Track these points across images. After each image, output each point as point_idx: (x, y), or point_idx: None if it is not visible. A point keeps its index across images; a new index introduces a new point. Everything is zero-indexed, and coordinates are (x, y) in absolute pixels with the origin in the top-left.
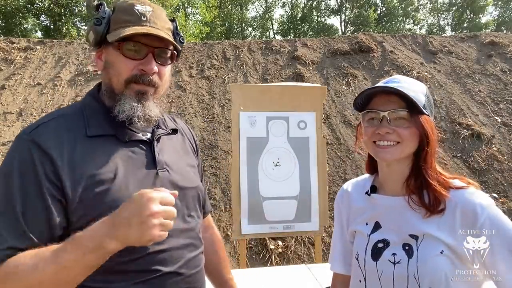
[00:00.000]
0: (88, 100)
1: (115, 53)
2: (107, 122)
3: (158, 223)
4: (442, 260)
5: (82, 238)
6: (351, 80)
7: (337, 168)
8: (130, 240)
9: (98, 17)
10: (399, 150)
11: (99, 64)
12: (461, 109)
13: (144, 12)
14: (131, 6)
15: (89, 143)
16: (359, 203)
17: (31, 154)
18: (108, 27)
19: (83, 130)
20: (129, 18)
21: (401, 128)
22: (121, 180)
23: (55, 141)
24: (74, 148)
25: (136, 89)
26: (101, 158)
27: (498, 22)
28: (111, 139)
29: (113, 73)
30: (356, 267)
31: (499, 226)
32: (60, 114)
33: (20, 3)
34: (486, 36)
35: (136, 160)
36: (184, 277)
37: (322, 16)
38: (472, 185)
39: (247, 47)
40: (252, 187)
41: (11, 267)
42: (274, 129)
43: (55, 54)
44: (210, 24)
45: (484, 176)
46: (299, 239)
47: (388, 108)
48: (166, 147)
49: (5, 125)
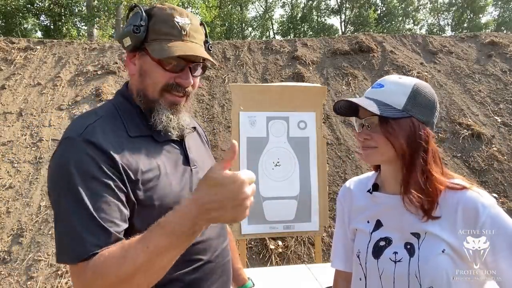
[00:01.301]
0: (120, 101)
1: (153, 63)
2: (143, 123)
3: (250, 203)
4: (443, 259)
5: (172, 223)
6: (351, 80)
7: (337, 168)
8: (225, 220)
9: (137, 25)
10: (377, 154)
11: (132, 68)
12: (461, 109)
13: (184, 25)
14: (170, 17)
15: (132, 143)
16: (360, 201)
17: (88, 153)
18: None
19: (124, 130)
20: (170, 31)
21: (376, 133)
22: (165, 177)
23: (107, 140)
24: (122, 147)
25: (169, 100)
26: (145, 157)
27: (498, 22)
28: (149, 139)
29: (149, 82)
30: (357, 265)
31: (500, 225)
32: (101, 116)
33: (20, 3)
34: (486, 36)
35: (173, 159)
36: (220, 265)
37: (322, 16)
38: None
39: (247, 47)
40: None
41: (98, 264)
42: (274, 129)
43: (55, 54)
44: (210, 24)
45: (484, 176)
46: (299, 239)
47: (365, 115)
48: (192, 145)
49: (5, 125)
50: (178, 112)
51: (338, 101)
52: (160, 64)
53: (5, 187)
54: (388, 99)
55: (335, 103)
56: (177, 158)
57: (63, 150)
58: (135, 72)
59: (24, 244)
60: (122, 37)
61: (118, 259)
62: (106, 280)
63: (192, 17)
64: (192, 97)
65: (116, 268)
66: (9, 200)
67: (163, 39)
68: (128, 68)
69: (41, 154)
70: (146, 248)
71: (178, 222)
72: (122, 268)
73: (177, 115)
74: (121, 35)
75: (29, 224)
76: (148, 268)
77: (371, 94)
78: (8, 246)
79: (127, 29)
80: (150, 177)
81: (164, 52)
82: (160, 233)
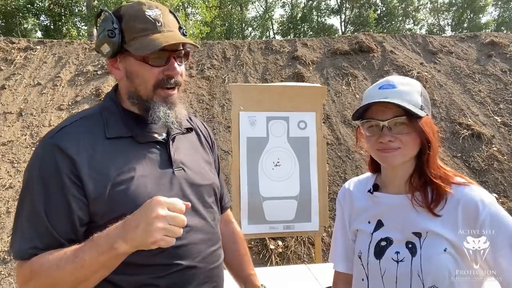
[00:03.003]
0: (107, 103)
1: (137, 63)
2: (125, 125)
3: (162, 227)
4: (445, 258)
5: (99, 239)
6: (351, 80)
7: (337, 168)
8: (137, 241)
9: (110, 29)
10: (402, 155)
11: (118, 73)
12: (461, 109)
13: (156, 16)
14: (141, 12)
15: (108, 144)
16: (361, 201)
17: (54, 157)
18: (122, 36)
19: (103, 132)
20: (145, 26)
21: (402, 134)
22: (139, 180)
23: (76, 144)
24: (94, 149)
25: (163, 96)
26: (120, 159)
27: (498, 22)
28: (129, 141)
29: (140, 82)
30: (359, 265)
31: (500, 223)
32: (82, 117)
33: (20, 3)
34: (486, 36)
35: (153, 160)
36: (203, 271)
37: (322, 16)
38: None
39: (247, 47)
40: (252, 187)
41: (36, 266)
42: (274, 129)
43: (55, 54)
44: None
45: (484, 176)
46: (299, 239)
47: (387, 116)
48: (182, 146)
49: (5, 125)
50: (174, 106)
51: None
52: (145, 61)
53: (5, 187)
54: (409, 99)
55: (362, 106)
56: (158, 159)
57: (35, 152)
58: (122, 76)
59: None
60: (99, 46)
61: (52, 265)
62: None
63: (161, 6)
64: (183, 87)
65: (49, 273)
66: (9, 200)
67: (141, 35)
68: (114, 74)
69: None
70: (74, 259)
71: (102, 238)
72: (54, 274)
73: (174, 109)
74: (97, 44)
75: None
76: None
77: (388, 94)
78: (8, 246)
79: (102, 36)
80: (123, 179)
81: (146, 48)
82: (88, 247)
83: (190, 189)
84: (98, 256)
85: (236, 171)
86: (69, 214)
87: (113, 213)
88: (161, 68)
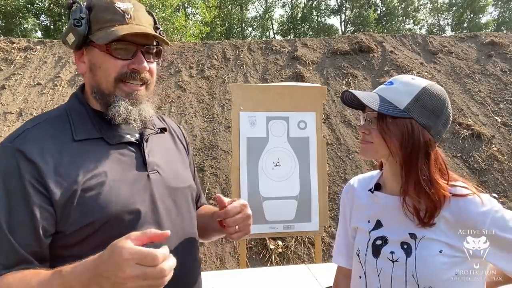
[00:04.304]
0: (72, 103)
1: (101, 54)
2: (94, 125)
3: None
4: (441, 260)
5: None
6: (351, 80)
7: (337, 168)
8: None
9: (77, 18)
10: (372, 150)
11: (82, 66)
12: (461, 109)
13: (127, 9)
14: (111, 3)
15: (76, 147)
16: (362, 199)
17: (16, 163)
18: (89, 28)
19: (69, 134)
20: (112, 17)
21: (374, 129)
22: (111, 184)
23: (40, 148)
24: (60, 153)
25: (126, 91)
26: (89, 162)
27: (498, 22)
28: (99, 142)
29: (101, 75)
30: (357, 262)
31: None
32: (45, 119)
33: (20, 3)
34: (486, 36)
35: (126, 163)
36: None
37: (322, 16)
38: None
39: (247, 47)
40: (252, 187)
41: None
42: (274, 129)
43: (55, 54)
44: (210, 24)
45: (484, 176)
46: (299, 239)
47: (367, 109)
48: (156, 147)
49: (5, 125)
50: (139, 103)
51: (344, 92)
52: (108, 52)
53: None
54: (392, 97)
55: (342, 93)
56: (132, 162)
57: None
58: (85, 69)
59: None
60: (65, 36)
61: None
62: None
63: (136, 2)
64: (152, 87)
65: None
66: None
67: (107, 26)
68: (78, 67)
69: None
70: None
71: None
72: None
73: (137, 106)
74: (63, 34)
75: None
76: None
77: (379, 90)
78: None
79: (68, 25)
80: (93, 184)
81: (108, 36)
82: (57, 283)
83: (166, 193)
84: None
85: (236, 171)
86: (33, 225)
87: (82, 221)
88: (126, 61)
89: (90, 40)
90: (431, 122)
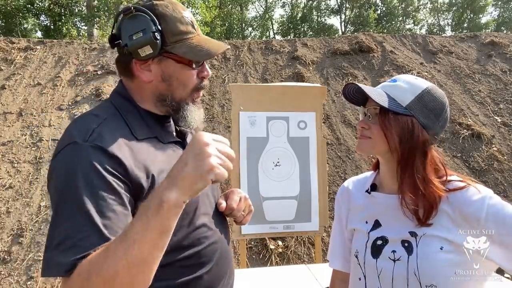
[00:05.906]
0: (120, 102)
1: (179, 65)
2: (147, 125)
3: (214, 153)
4: (442, 257)
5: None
6: (351, 80)
7: (337, 168)
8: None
9: (154, 31)
10: (371, 145)
11: (147, 75)
12: (461, 109)
13: (192, 19)
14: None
15: (140, 145)
16: (359, 201)
17: (96, 160)
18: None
19: (130, 133)
20: (185, 28)
21: (374, 124)
22: None
23: (118, 144)
24: (132, 150)
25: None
26: (155, 159)
27: (498, 22)
28: (155, 141)
29: (178, 85)
30: (356, 264)
31: (505, 220)
32: (104, 118)
33: (20, 3)
34: (486, 36)
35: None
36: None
37: (322, 16)
38: (470, 185)
39: (247, 47)
40: (252, 187)
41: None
42: (274, 129)
43: (55, 54)
44: (210, 24)
45: (484, 176)
46: (299, 239)
47: (369, 104)
48: None
49: (5, 125)
50: (200, 106)
51: (348, 84)
52: (188, 65)
53: (5, 187)
54: (396, 94)
55: (346, 85)
56: None
57: (70, 156)
58: (152, 78)
59: (24, 244)
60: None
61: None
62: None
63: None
64: None
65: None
66: (9, 200)
67: (184, 38)
68: (139, 76)
69: (41, 154)
70: (124, 238)
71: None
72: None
73: (200, 110)
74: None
75: (29, 224)
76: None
77: (383, 86)
78: (8, 246)
79: (145, 37)
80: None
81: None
82: (136, 217)
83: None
84: (149, 221)
85: (236, 171)
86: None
87: None
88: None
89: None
90: (430, 122)
